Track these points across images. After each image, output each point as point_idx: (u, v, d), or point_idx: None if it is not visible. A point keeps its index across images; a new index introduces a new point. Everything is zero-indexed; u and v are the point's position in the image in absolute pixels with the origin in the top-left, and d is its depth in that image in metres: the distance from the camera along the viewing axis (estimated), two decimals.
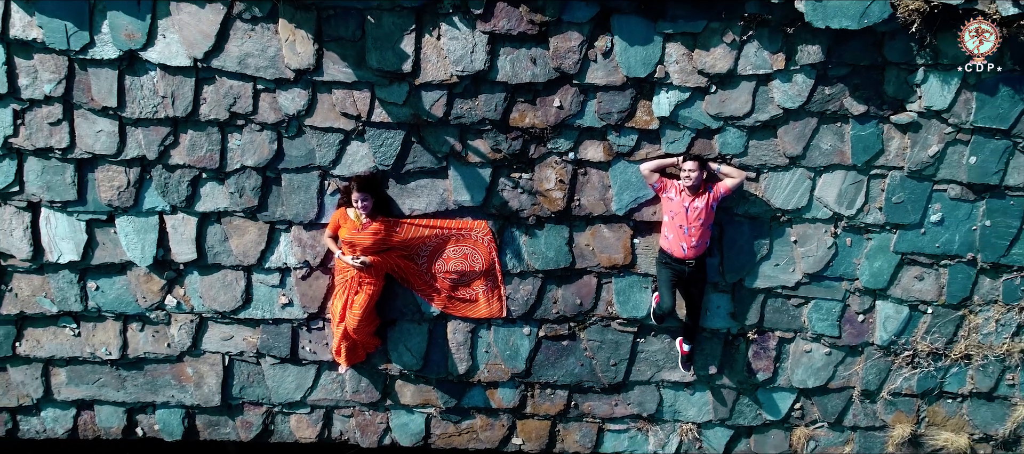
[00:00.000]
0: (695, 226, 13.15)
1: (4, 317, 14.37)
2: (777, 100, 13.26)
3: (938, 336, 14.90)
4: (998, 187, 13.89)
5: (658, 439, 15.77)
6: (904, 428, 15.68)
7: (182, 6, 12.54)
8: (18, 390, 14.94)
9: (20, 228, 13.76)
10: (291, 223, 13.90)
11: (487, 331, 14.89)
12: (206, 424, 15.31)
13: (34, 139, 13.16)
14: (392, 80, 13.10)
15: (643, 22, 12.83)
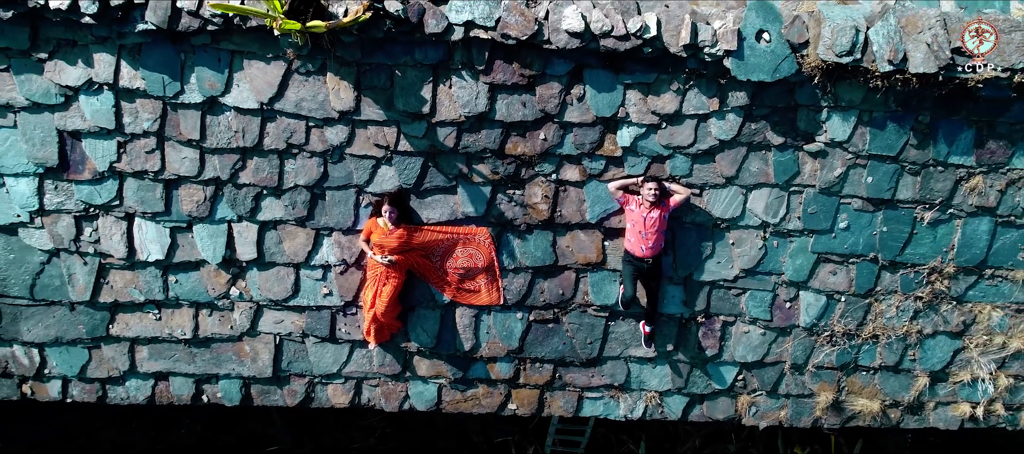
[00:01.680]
0: (651, 232, 15.40)
1: (100, 304, 16.28)
2: (714, 133, 15.54)
3: (851, 320, 17.30)
4: (891, 200, 16.26)
5: (627, 404, 17.84)
6: (827, 395, 17.93)
7: (253, 63, 14.70)
8: (109, 364, 16.81)
9: (118, 234, 15.76)
10: (332, 230, 16.02)
11: (487, 316, 16.91)
12: (259, 392, 17.27)
13: (133, 164, 15.24)
14: (414, 119, 15.26)
15: (608, 75, 15.08)
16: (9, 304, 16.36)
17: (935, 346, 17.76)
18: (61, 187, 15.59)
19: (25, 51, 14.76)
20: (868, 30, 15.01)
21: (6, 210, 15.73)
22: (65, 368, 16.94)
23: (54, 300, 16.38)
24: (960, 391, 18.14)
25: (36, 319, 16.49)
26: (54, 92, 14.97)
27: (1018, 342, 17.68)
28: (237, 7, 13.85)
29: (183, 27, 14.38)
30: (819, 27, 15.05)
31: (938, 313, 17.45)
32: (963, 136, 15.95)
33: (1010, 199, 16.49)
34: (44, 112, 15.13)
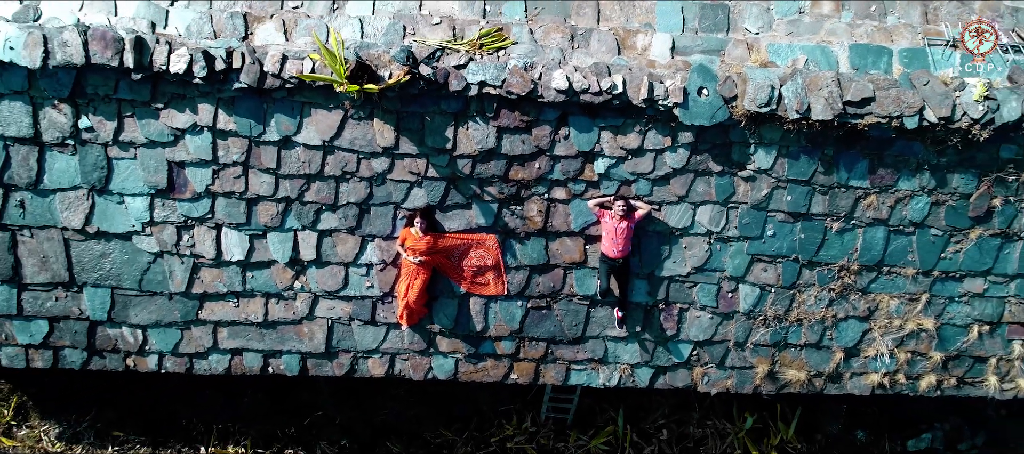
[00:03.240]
0: (621, 239, 18.67)
1: (192, 295, 19.38)
2: (668, 163, 18.79)
3: (780, 307, 20.48)
4: (806, 214, 19.51)
5: (605, 375, 21.08)
6: (764, 367, 21.03)
7: (318, 111, 17.96)
8: (196, 342, 19.87)
9: (209, 240, 18.93)
10: (375, 236, 19.19)
11: (495, 304, 20.05)
12: (314, 365, 20.35)
13: (223, 187, 18.43)
14: (439, 153, 18.46)
15: (587, 120, 18.35)
16: (121, 294, 19.24)
17: (847, 328, 20.86)
18: (167, 204, 18.60)
19: (146, 102, 17.80)
20: (781, 87, 18.16)
21: (124, 221, 18.61)
22: (162, 345, 19.84)
23: (157, 291, 19.34)
24: (870, 364, 21.24)
25: (141, 306, 19.43)
26: (166, 132, 18.02)
27: (912, 324, 20.78)
28: (314, 75, 17.13)
29: (267, 86, 17.56)
30: (745, 84, 18.19)
31: (848, 301, 20.56)
32: (859, 165, 19.11)
33: (899, 212, 19.62)
34: (158, 148, 18.18)
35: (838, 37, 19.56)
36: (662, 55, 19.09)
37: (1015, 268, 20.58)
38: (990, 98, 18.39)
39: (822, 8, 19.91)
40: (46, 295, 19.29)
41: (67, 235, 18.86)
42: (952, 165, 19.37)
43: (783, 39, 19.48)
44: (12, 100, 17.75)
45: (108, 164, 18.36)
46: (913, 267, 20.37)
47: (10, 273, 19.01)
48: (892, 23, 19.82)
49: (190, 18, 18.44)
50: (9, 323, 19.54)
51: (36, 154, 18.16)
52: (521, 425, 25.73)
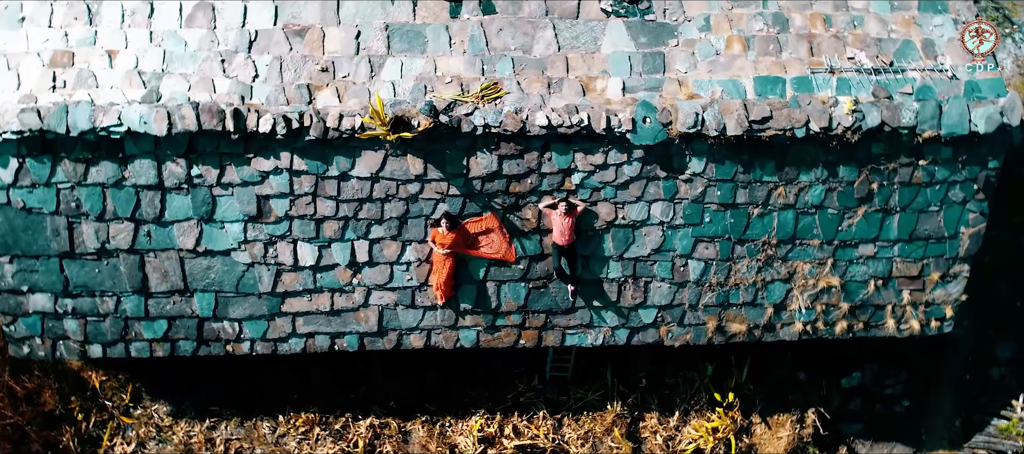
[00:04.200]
0: (567, 230, 22.27)
1: (277, 293, 23.08)
2: (626, 173, 22.41)
3: (720, 276, 24.05)
4: (733, 204, 23.05)
5: (592, 336, 24.66)
6: (713, 323, 24.60)
7: (366, 151, 21.57)
8: (280, 329, 23.40)
9: (288, 252, 22.52)
10: (412, 241, 22.69)
11: (505, 286, 23.57)
12: (369, 342, 23.84)
13: (297, 211, 22.21)
14: (457, 177, 21.99)
15: (564, 145, 21.88)
16: (223, 296, 23.04)
17: (774, 288, 24.50)
18: (257, 227, 22.42)
19: (240, 153, 21.66)
20: (704, 113, 21.88)
21: (224, 242, 22.51)
22: (254, 333, 23.61)
23: (250, 292, 23.04)
24: (795, 315, 24.86)
25: (237, 304, 23.20)
26: (255, 174, 21.83)
27: (823, 283, 24.34)
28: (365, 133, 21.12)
29: (329, 137, 21.35)
30: (677, 113, 21.87)
31: (772, 268, 24.16)
32: (768, 165, 22.78)
33: (802, 198, 23.19)
34: (249, 186, 21.96)
35: (745, 72, 23.09)
36: (616, 94, 22.74)
37: (895, 235, 24.14)
38: (857, 110, 22.19)
39: (733, 50, 23.41)
40: (166, 300, 23.21)
41: (182, 254, 22.74)
42: (838, 160, 23.00)
43: (704, 76, 23.02)
44: (142, 158, 21.73)
45: (213, 200, 22.27)
46: (818, 239, 24.00)
47: (139, 286, 22.96)
48: (785, 57, 23.33)
49: (268, 91, 22.26)
50: (138, 323, 23.41)
51: (159, 196, 22.14)
52: (530, 384, 29.20)
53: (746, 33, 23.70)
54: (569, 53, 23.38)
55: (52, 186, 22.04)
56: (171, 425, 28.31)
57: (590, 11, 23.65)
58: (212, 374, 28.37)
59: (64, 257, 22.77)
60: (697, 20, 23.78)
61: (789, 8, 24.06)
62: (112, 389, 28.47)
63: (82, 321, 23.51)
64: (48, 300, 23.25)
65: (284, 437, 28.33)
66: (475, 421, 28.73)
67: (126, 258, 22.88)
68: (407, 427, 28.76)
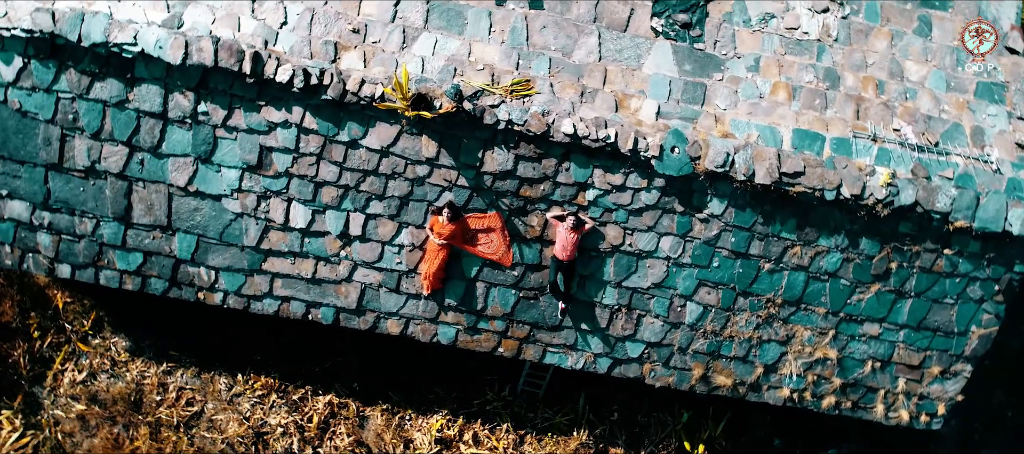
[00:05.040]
0: (570, 246, 21.42)
1: (260, 249, 22.20)
2: (643, 200, 21.60)
3: (717, 324, 23.10)
4: (745, 253, 22.24)
5: (573, 359, 23.62)
6: (699, 371, 23.59)
7: (381, 123, 20.96)
8: (257, 287, 22.54)
9: (281, 209, 21.84)
10: (410, 224, 21.91)
11: (495, 290, 22.66)
12: (345, 318, 22.91)
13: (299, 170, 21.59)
14: (469, 168, 21.24)
15: (585, 158, 21.20)
16: (205, 241, 22.16)
17: (768, 348, 23.62)
18: (254, 178, 21.60)
19: (252, 99, 20.92)
20: (735, 154, 21.07)
21: (218, 186, 21.63)
22: (229, 286, 22.69)
23: (233, 243, 22.21)
24: (784, 380, 23.94)
25: (219, 253, 22.36)
26: (263, 124, 21.11)
27: (820, 353, 23.44)
28: (384, 104, 20.45)
29: (346, 100, 20.66)
30: (708, 148, 21.09)
31: (771, 327, 23.32)
32: (789, 222, 22.01)
33: (817, 263, 22.43)
34: (255, 134, 21.25)
35: (785, 121, 22.24)
36: (649, 117, 21.91)
37: (904, 320, 23.37)
38: (892, 185, 21.38)
39: (778, 96, 22.56)
40: (146, 233, 22.34)
41: (172, 190, 21.92)
42: (862, 231, 22.25)
43: (743, 117, 22.17)
44: (151, 84, 21.03)
45: (214, 141, 21.57)
46: (824, 307, 23.19)
47: (122, 213, 22.10)
48: (829, 115, 22.49)
49: (294, 40, 21.50)
50: (113, 252, 22.51)
51: (160, 126, 21.45)
52: (500, 393, 28.56)
53: (794, 82, 22.86)
54: (609, 65, 22.52)
55: (52, 93, 21.39)
56: (127, 361, 27.52)
57: (640, 27, 22.71)
58: (179, 318, 27.75)
59: (50, 169, 22.06)
60: (747, 58, 22.86)
61: (843, 66, 23.10)
62: (74, 313, 27.77)
63: (56, 238, 22.75)
64: (25, 209, 22.49)
65: (239, 397, 27.62)
66: (436, 420, 28.04)
67: (114, 182, 22.13)
68: (366, 412, 28.05)
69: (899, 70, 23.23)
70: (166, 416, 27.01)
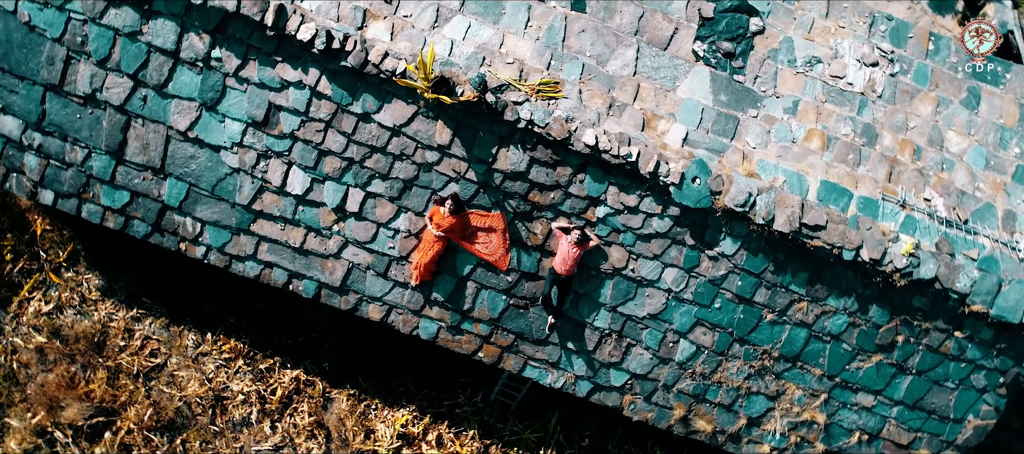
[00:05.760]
0: (570, 260, 20.93)
1: (251, 209, 21.68)
2: (654, 226, 21.18)
3: (707, 367, 22.68)
4: (749, 300, 21.85)
5: (553, 377, 23.11)
6: (681, 411, 23.12)
7: (397, 101, 20.48)
8: (241, 247, 21.96)
9: (280, 172, 21.22)
10: (409, 209, 21.42)
11: (485, 292, 22.18)
12: (326, 295, 22.37)
13: (305, 134, 21.10)
14: (480, 163, 20.81)
15: (601, 172, 20.72)
16: (196, 192, 21.60)
17: (755, 401, 23.16)
18: (257, 134, 21.11)
19: (269, 53, 20.48)
20: (757, 196, 20.63)
21: (219, 137, 21.11)
22: (213, 241, 22.10)
23: (224, 198, 21.68)
24: (765, 436, 23.43)
25: (208, 205, 21.81)
26: (277, 80, 20.60)
27: (808, 415, 22.95)
28: (404, 80, 19.94)
29: (366, 71, 20.19)
30: (730, 185, 20.65)
31: (762, 379, 22.89)
32: (801, 275, 21.57)
33: (821, 322, 21.99)
34: (265, 90, 20.73)
35: (815, 170, 21.85)
36: (675, 142, 21.50)
37: (901, 396, 22.94)
38: (914, 255, 21.04)
39: (811, 144, 22.14)
40: (137, 173, 21.70)
41: (171, 133, 21.34)
42: (873, 298, 21.84)
43: (772, 159, 21.78)
44: (167, 19, 20.49)
45: (223, 90, 21.04)
46: (821, 369, 22.77)
47: (115, 148, 21.46)
48: (861, 172, 22.08)
49: (321, 1, 21.06)
50: (100, 186, 21.86)
51: (170, 65, 20.86)
52: (472, 398, 27.95)
53: (830, 132, 22.45)
54: (643, 81, 22.09)
55: (65, 12, 20.78)
56: (97, 301, 26.74)
57: (681, 48, 22.33)
58: (157, 265, 27.24)
59: (50, 89, 21.40)
60: (786, 99, 22.55)
61: (883, 124, 22.71)
62: (52, 242, 27.07)
63: (44, 161, 22.07)
64: (17, 127, 21.86)
65: (205, 356, 26.95)
66: (402, 414, 27.41)
67: (112, 115, 21.50)
68: (332, 394, 27.41)
69: (939, 138, 22.78)
70: (127, 363, 26.35)
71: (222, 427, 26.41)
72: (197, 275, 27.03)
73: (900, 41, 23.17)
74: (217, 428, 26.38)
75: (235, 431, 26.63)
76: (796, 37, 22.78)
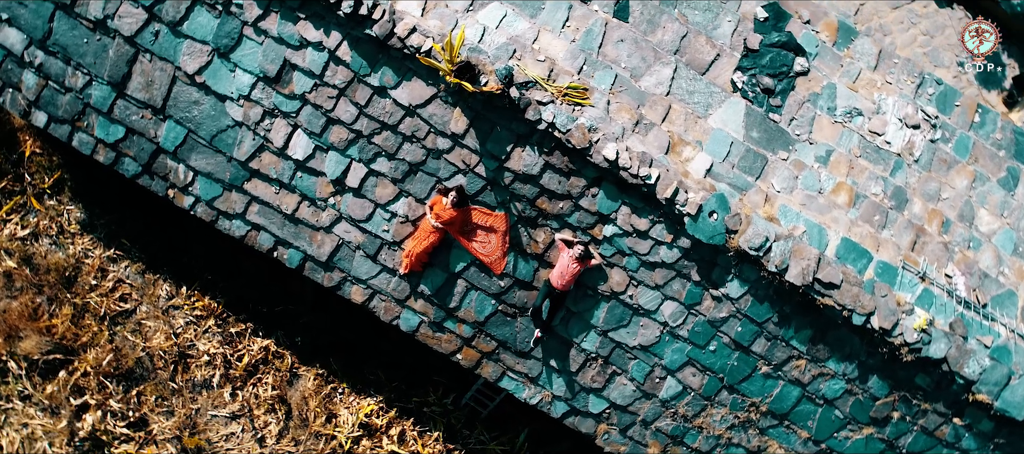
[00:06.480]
0: (568, 275, 20.33)
1: (248, 167, 21.18)
2: (661, 255, 20.62)
3: (690, 409, 22.07)
4: (747, 348, 21.25)
5: (530, 392, 22.57)
6: (655, 450, 22.49)
7: (417, 80, 20.04)
8: (231, 204, 21.54)
9: (284, 133, 20.76)
10: (410, 194, 20.93)
11: (475, 293, 21.69)
12: (311, 268, 21.87)
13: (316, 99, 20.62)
14: (492, 158, 20.37)
15: (616, 190, 20.19)
16: (194, 139, 21.13)
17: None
18: (266, 90, 20.63)
19: (293, 8, 20.02)
20: (774, 242, 20.07)
21: (227, 85, 20.64)
22: (203, 193, 21.58)
23: (222, 150, 21.19)
24: None
25: (203, 155, 21.33)
26: (296, 38, 20.16)
27: None
28: (429, 60, 19.44)
29: (390, 43, 19.76)
30: (747, 225, 20.11)
31: (745, 432, 22.28)
32: (804, 332, 20.99)
33: (817, 384, 21.39)
34: (283, 46, 20.31)
35: (838, 226, 21.32)
36: (698, 171, 21.02)
37: None
38: (926, 332, 20.38)
39: (838, 197, 21.63)
40: (136, 110, 21.20)
41: (178, 74, 20.86)
42: (875, 368, 21.23)
43: (796, 206, 21.29)
44: None
45: (239, 38, 20.55)
46: (808, 432, 22.14)
47: (119, 80, 20.92)
48: (885, 236, 21.59)
49: None
50: (96, 116, 21.35)
51: (188, 3, 20.45)
52: (442, 399, 27.27)
53: (860, 189, 21.88)
54: (675, 103, 21.55)
55: None
56: (75, 234, 26.08)
57: (720, 75, 21.82)
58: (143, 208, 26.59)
59: (59, 8, 20.92)
60: (819, 147, 22.00)
61: (915, 190, 22.15)
62: (39, 166, 26.36)
63: (43, 81, 21.48)
64: (20, 41, 21.27)
65: (176, 310, 26.25)
66: (368, 403, 26.70)
67: (120, 45, 20.96)
68: (300, 370, 26.68)
69: (970, 215, 22.23)
70: (95, 304, 25.72)
71: (181, 385, 25.82)
72: (184, 226, 26.43)
73: (946, 108, 22.69)
74: (176, 385, 25.82)
75: (194, 392, 26.06)
76: (840, 85, 22.21)
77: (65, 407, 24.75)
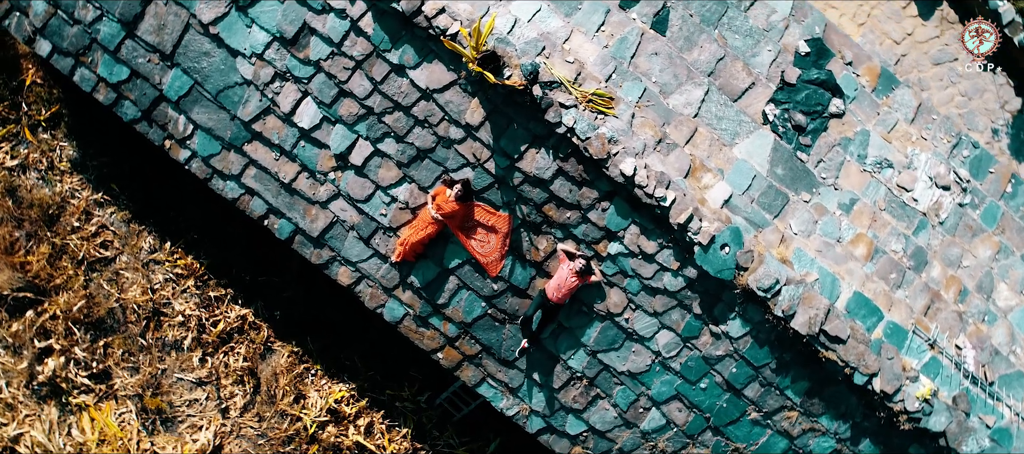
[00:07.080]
0: (565, 288, 19.91)
1: (250, 128, 20.82)
2: (665, 282, 20.29)
3: (671, 445, 21.68)
4: (739, 391, 20.82)
5: (508, 403, 22.14)
6: None
7: (438, 63, 19.72)
8: (227, 163, 21.12)
9: (292, 97, 20.39)
10: (413, 181, 20.59)
11: (465, 293, 21.33)
12: (301, 242, 21.45)
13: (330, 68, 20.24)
14: (504, 156, 20.04)
15: (628, 208, 19.83)
16: (198, 91, 20.69)
17: None
18: (280, 52, 20.27)
19: None
20: (784, 285, 19.69)
21: (241, 42, 20.29)
22: (200, 148, 21.17)
23: (226, 107, 20.78)
24: None
25: (206, 109, 20.89)
26: (319, 2, 19.90)
27: None
28: (456, 46, 19.11)
29: (416, 21, 19.41)
30: (759, 264, 19.74)
31: None
32: (801, 383, 20.59)
33: (806, 438, 20.97)
34: (304, 8, 20.05)
35: (851, 278, 20.88)
36: (715, 201, 20.64)
37: None
38: (929, 402, 19.83)
39: (857, 249, 21.26)
40: (144, 53, 20.76)
41: (192, 22, 20.43)
42: (870, 432, 20.74)
43: (811, 252, 20.89)
44: None
45: None
46: None
47: (130, 19, 20.48)
48: (898, 296, 21.17)
49: None
50: (101, 53, 20.89)
51: None
52: (416, 396, 26.77)
53: (880, 243, 21.49)
54: (702, 127, 21.11)
55: None
56: (65, 172, 25.43)
57: (752, 105, 21.36)
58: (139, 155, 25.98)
59: None
60: (843, 194, 21.57)
61: (936, 253, 21.82)
62: (38, 97, 25.69)
63: (52, 9, 21.03)
64: None
65: (156, 265, 25.70)
66: (340, 389, 26.19)
67: None
68: (274, 345, 26.11)
69: (989, 287, 21.84)
70: (74, 247, 25.26)
71: (151, 343, 25.28)
72: (177, 181, 25.88)
73: (980, 173, 22.26)
74: (145, 342, 25.31)
75: (163, 351, 25.57)
76: (874, 133, 21.74)
77: (28, 348, 24.38)
